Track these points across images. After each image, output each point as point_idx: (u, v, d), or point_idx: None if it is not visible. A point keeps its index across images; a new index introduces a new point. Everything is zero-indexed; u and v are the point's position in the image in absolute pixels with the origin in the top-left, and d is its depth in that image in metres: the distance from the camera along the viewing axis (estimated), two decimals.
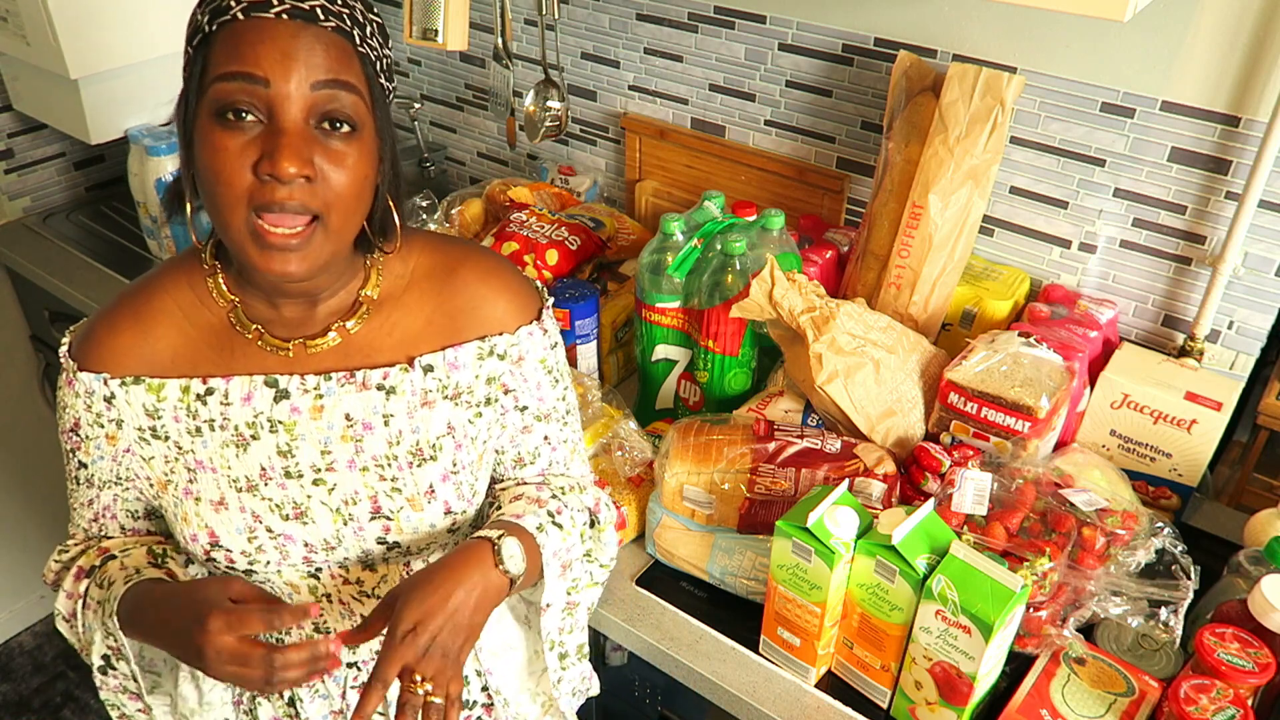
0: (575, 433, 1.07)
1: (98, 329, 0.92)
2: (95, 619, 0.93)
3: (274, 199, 0.78)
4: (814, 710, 1.09)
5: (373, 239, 0.92)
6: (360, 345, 0.94)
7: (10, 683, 2.41)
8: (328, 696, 1.04)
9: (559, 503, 1.00)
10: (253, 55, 0.77)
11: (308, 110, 0.78)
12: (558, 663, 1.03)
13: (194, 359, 0.92)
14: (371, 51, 0.83)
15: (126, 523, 0.99)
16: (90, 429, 0.93)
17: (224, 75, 0.77)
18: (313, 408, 0.93)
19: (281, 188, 0.78)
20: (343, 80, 0.79)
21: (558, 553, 0.96)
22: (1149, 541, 1.09)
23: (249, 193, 0.78)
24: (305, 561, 0.97)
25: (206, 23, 0.80)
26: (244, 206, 0.79)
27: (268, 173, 0.77)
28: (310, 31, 0.78)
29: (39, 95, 1.86)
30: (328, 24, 0.79)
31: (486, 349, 0.96)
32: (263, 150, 0.77)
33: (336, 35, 0.80)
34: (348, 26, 0.81)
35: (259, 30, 0.77)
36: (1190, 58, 1.24)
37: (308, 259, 0.82)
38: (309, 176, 0.78)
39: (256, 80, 0.77)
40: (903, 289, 1.37)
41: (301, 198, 0.79)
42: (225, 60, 0.77)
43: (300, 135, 0.78)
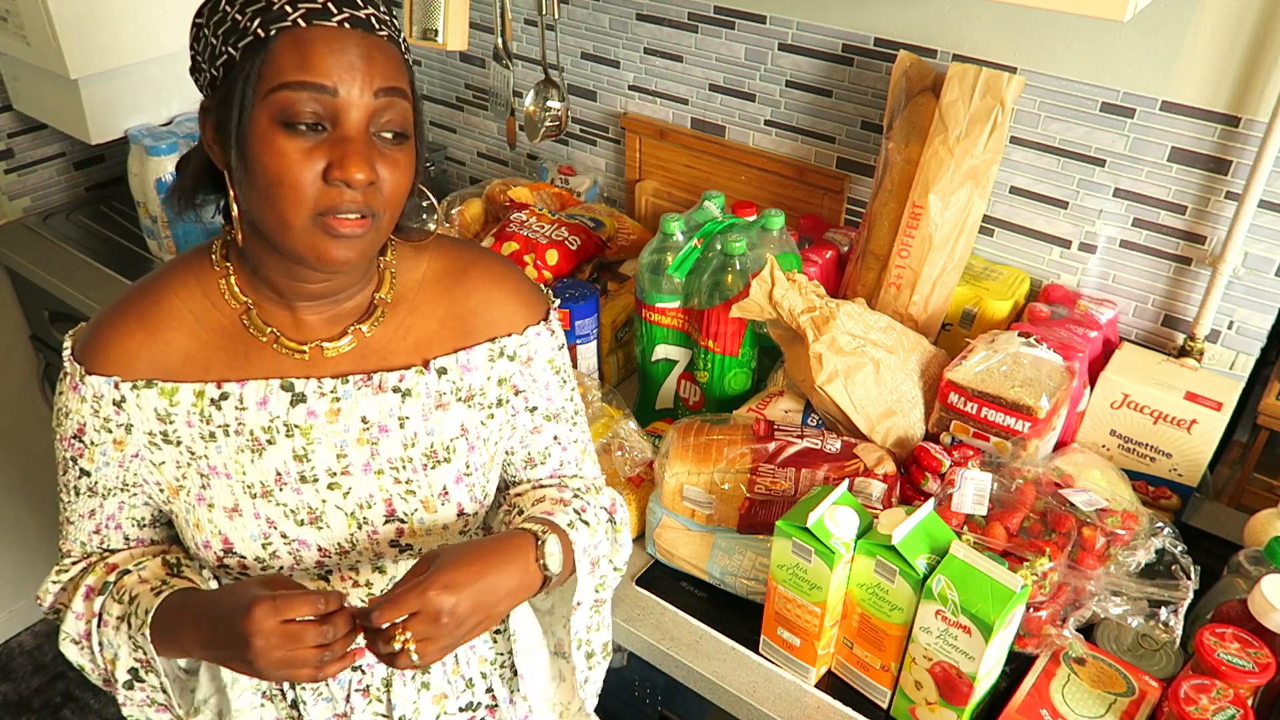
0: (584, 433, 1.08)
1: (105, 331, 0.91)
2: (118, 634, 0.91)
3: (342, 202, 0.80)
4: (814, 710, 1.09)
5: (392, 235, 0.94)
6: (376, 348, 0.94)
7: (10, 683, 2.41)
8: (331, 699, 1.04)
9: (582, 501, 1.00)
10: (323, 66, 0.78)
11: (369, 118, 0.81)
12: (585, 662, 1.03)
13: (206, 362, 0.91)
14: (410, 59, 0.86)
15: (131, 532, 0.97)
16: (96, 434, 0.91)
17: (291, 84, 0.78)
18: (329, 411, 0.93)
19: (349, 192, 0.80)
20: (399, 88, 0.82)
21: (587, 549, 0.96)
22: (1149, 541, 1.09)
23: (315, 197, 0.80)
24: (318, 565, 0.97)
25: (259, 27, 0.79)
26: (310, 209, 0.81)
27: (339, 179, 0.79)
28: (369, 40, 0.81)
29: (39, 95, 1.86)
30: (382, 33, 0.82)
31: (497, 350, 0.97)
32: (330, 157, 0.80)
33: (390, 44, 0.83)
34: (397, 36, 0.84)
35: (325, 40, 0.79)
36: (1190, 58, 1.24)
37: (362, 250, 0.84)
38: (376, 182, 0.81)
39: (325, 90, 0.79)
40: (903, 289, 1.37)
41: (365, 200, 0.81)
42: (292, 68, 0.78)
43: (365, 142, 0.81)
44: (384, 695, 1.04)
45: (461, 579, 0.83)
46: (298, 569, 0.96)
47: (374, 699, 1.04)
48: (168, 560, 0.96)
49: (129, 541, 0.98)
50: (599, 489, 1.06)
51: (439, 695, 1.06)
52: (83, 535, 0.98)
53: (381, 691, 1.04)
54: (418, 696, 1.05)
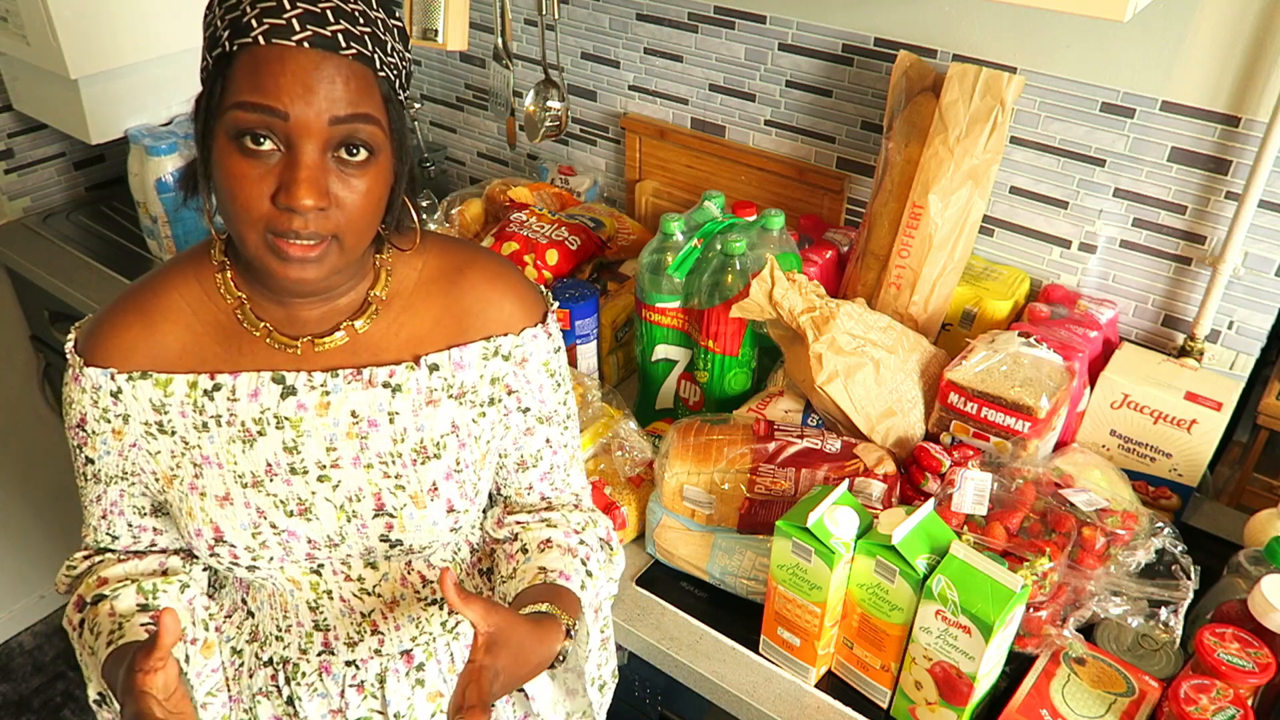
0: (575, 438, 1.08)
1: (105, 324, 0.93)
2: (89, 663, 0.94)
3: (290, 227, 0.80)
4: (814, 710, 1.09)
5: (385, 237, 0.93)
6: (368, 344, 0.94)
7: (10, 683, 2.41)
8: (326, 695, 1.04)
9: (586, 548, 1.01)
10: (274, 87, 0.77)
11: (325, 143, 0.79)
12: (599, 695, 1.08)
13: (201, 355, 0.93)
14: (391, 70, 0.83)
15: (134, 519, 0.99)
16: (96, 424, 0.93)
17: (243, 104, 0.78)
18: (319, 404, 0.93)
19: (297, 218, 0.79)
20: (361, 113, 0.80)
21: (591, 603, 0.98)
22: (1149, 541, 1.09)
23: (265, 219, 0.80)
24: (308, 558, 0.98)
25: (226, 38, 0.79)
26: (261, 228, 0.81)
27: (284, 205, 0.79)
28: (331, 62, 0.78)
29: (39, 95, 1.86)
30: (349, 51, 0.79)
31: (491, 349, 0.97)
32: (280, 181, 0.79)
33: (357, 64, 0.80)
34: (369, 51, 0.80)
35: (281, 60, 0.77)
36: (1190, 58, 1.24)
37: (323, 269, 0.84)
38: (325, 208, 0.80)
39: (276, 114, 0.77)
40: (903, 289, 1.37)
41: (316, 225, 0.80)
42: (246, 88, 0.78)
43: (316, 168, 0.79)
44: (379, 691, 1.05)
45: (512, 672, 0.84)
46: (288, 559, 0.97)
47: (369, 695, 1.05)
48: (143, 588, 0.97)
49: (132, 529, 0.99)
50: (596, 522, 1.07)
51: (434, 694, 1.07)
52: (94, 520, 1.00)
53: (376, 688, 1.05)
54: (412, 694, 1.06)
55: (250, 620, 1.06)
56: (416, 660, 1.05)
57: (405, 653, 1.05)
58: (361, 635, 1.03)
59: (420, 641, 1.05)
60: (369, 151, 0.82)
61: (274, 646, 1.04)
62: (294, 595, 1.01)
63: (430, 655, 1.06)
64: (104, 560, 1.00)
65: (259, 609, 1.04)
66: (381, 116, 0.82)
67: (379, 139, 0.82)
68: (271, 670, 1.05)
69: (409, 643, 1.05)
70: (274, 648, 1.05)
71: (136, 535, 1.00)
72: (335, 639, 1.03)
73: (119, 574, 0.99)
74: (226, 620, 1.07)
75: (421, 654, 1.05)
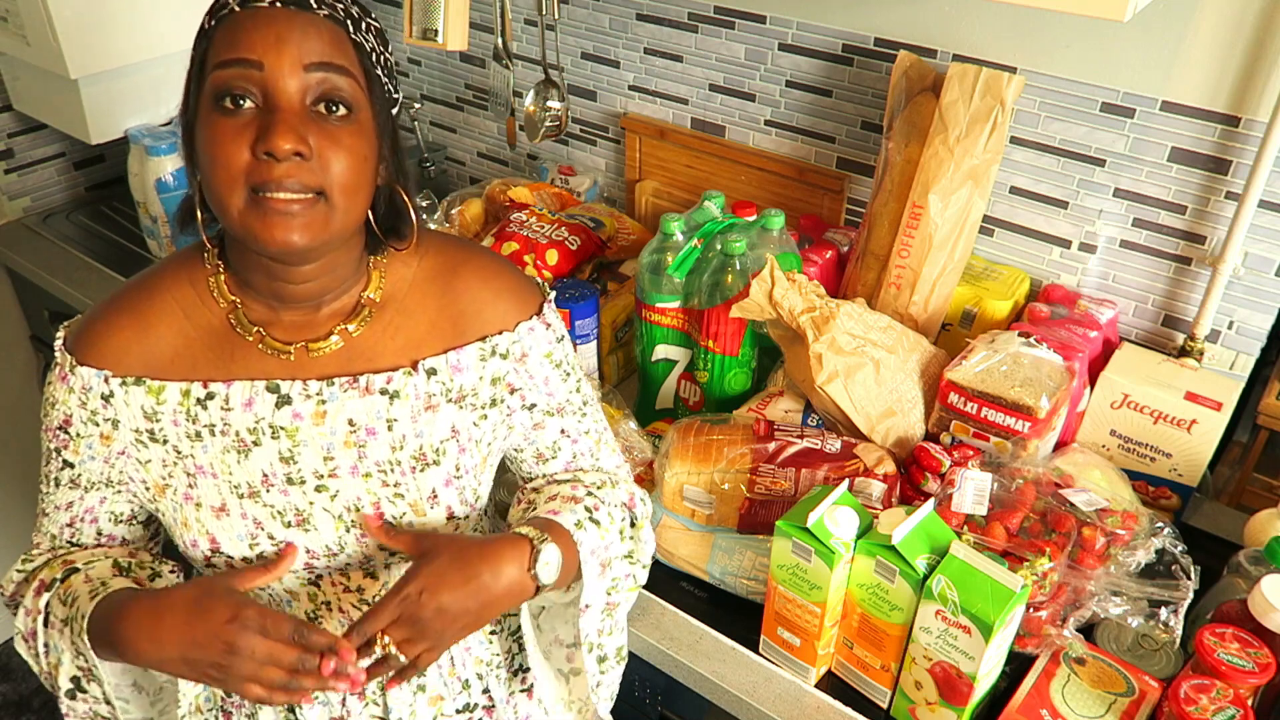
0: (597, 423, 1.05)
1: (97, 324, 0.91)
2: (63, 638, 0.88)
3: (271, 177, 0.78)
4: (814, 710, 1.09)
5: (381, 237, 0.92)
6: (363, 349, 0.93)
7: (10, 683, 2.41)
8: (327, 703, 1.03)
9: (595, 499, 0.98)
10: (247, 41, 0.78)
11: (303, 91, 0.80)
12: (596, 666, 1.00)
13: (193, 361, 0.91)
14: (366, 43, 0.84)
15: (106, 527, 0.96)
16: (83, 427, 0.91)
17: (221, 63, 0.79)
18: (315, 413, 0.92)
19: (278, 165, 0.78)
20: (336, 64, 0.81)
21: (595, 550, 0.94)
22: (1149, 541, 1.09)
23: (246, 171, 0.79)
24: (306, 569, 0.96)
25: (207, 20, 0.82)
26: (242, 186, 0.79)
27: (264, 150, 0.78)
28: (304, 17, 0.80)
29: (39, 95, 1.86)
30: (321, 11, 0.81)
31: (489, 349, 0.96)
32: (259, 129, 0.79)
33: (330, 22, 0.81)
34: (341, 16, 0.82)
35: (254, 18, 0.79)
36: (1190, 58, 1.24)
37: (310, 229, 0.81)
38: (303, 154, 0.79)
39: (251, 64, 0.78)
40: (903, 289, 1.37)
41: (299, 175, 0.79)
42: (223, 49, 0.79)
43: (295, 114, 0.79)
44: (380, 699, 1.04)
45: (448, 580, 0.83)
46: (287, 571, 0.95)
47: (370, 702, 1.04)
48: (119, 563, 0.94)
49: (100, 537, 0.97)
50: (616, 483, 1.04)
51: (435, 697, 1.06)
52: (54, 528, 0.97)
53: (377, 695, 1.04)
54: (414, 699, 1.05)
55: None
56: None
57: None
58: None
59: None
60: (348, 108, 0.82)
61: None
62: (291, 607, 0.99)
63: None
64: (69, 551, 0.96)
65: None
66: (358, 75, 0.83)
67: (358, 95, 0.82)
68: None
69: None
70: None
71: (102, 543, 0.97)
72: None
73: (86, 555, 0.94)
74: None
75: None
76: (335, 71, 0.81)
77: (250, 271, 0.89)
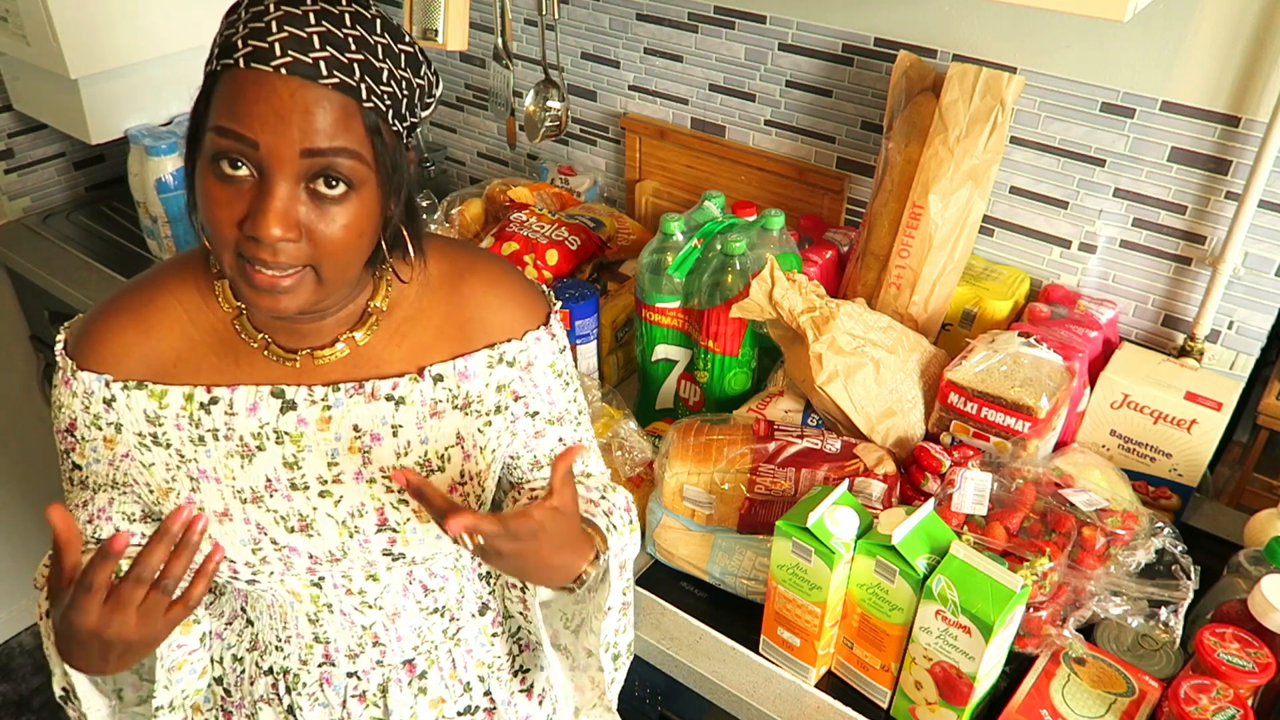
0: (588, 432, 1.06)
1: (98, 326, 0.90)
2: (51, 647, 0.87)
3: (257, 255, 0.77)
4: (814, 710, 1.09)
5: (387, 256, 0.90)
6: (369, 355, 0.92)
7: (10, 683, 2.41)
8: (327, 705, 1.03)
9: (608, 503, 0.99)
10: (246, 115, 0.75)
11: (297, 175, 0.77)
12: (611, 664, 1.01)
13: (197, 364, 0.90)
14: (384, 100, 0.79)
15: (121, 525, 0.95)
16: (87, 430, 0.91)
17: (219, 129, 0.76)
18: (320, 419, 0.91)
19: (264, 248, 0.77)
20: (337, 147, 0.77)
21: (617, 554, 0.95)
22: (1149, 541, 1.09)
23: (235, 243, 0.78)
24: (309, 572, 0.96)
25: (216, 56, 0.78)
26: (232, 250, 0.79)
27: (249, 233, 0.77)
28: (309, 92, 0.75)
29: (39, 95, 1.86)
30: (330, 80, 0.75)
31: (496, 356, 0.95)
32: (249, 209, 0.77)
33: (338, 94, 0.76)
34: (354, 80, 0.77)
35: (256, 87, 0.75)
36: (1190, 58, 1.24)
37: (298, 299, 0.81)
38: (291, 239, 0.77)
39: (246, 141, 0.75)
40: (903, 289, 1.37)
41: (287, 256, 0.78)
42: (223, 113, 0.76)
43: (286, 199, 0.76)
44: (380, 701, 1.04)
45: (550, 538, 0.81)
46: (289, 574, 0.95)
47: (370, 704, 1.04)
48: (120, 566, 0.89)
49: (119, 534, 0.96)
50: (614, 488, 1.04)
51: (436, 700, 1.06)
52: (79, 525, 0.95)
53: (378, 697, 1.04)
54: (415, 701, 1.05)
55: (250, 629, 1.04)
56: (419, 669, 1.05)
57: (407, 662, 1.04)
58: (363, 647, 1.02)
59: (422, 650, 1.04)
60: (348, 185, 0.78)
61: (274, 656, 1.03)
62: (293, 608, 0.99)
63: (432, 663, 1.05)
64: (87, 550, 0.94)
65: (258, 618, 1.03)
66: (364, 150, 0.78)
67: (360, 172, 0.78)
68: (272, 679, 1.04)
69: (411, 652, 1.04)
70: (274, 657, 1.03)
71: None
72: (336, 651, 1.02)
73: None
74: (227, 628, 1.06)
75: (424, 662, 1.05)
76: (337, 155, 0.77)
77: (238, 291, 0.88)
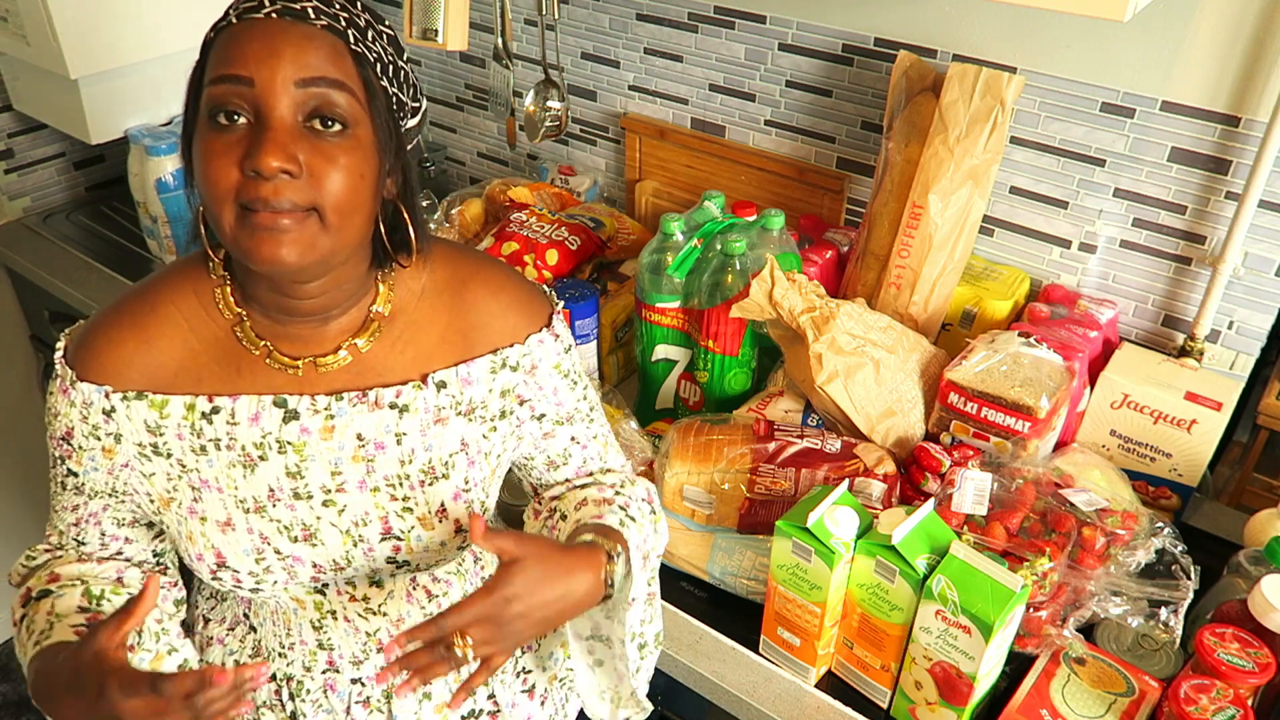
0: (603, 427, 1.05)
1: (98, 336, 0.89)
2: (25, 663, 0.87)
3: (259, 194, 0.76)
4: (814, 710, 1.09)
5: (391, 252, 0.90)
6: (372, 363, 0.91)
7: (10, 683, 2.41)
8: (331, 711, 1.03)
9: (624, 498, 0.98)
10: (240, 56, 0.76)
11: (295, 108, 0.77)
12: (637, 654, 0.99)
13: (198, 374, 0.89)
14: (370, 52, 0.81)
15: (110, 530, 0.95)
16: (85, 440, 0.90)
17: (214, 79, 0.77)
18: (323, 428, 0.90)
19: (266, 184, 0.76)
20: (331, 77, 0.77)
21: (639, 546, 0.93)
22: (1149, 541, 1.09)
23: (235, 189, 0.77)
24: (313, 580, 0.96)
25: (210, 34, 0.80)
26: (232, 202, 0.77)
27: (250, 168, 0.76)
28: (299, 29, 0.77)
29: (39, 95, 1.86)
30: (319, 22, 0.78)
31: (499, 361, 0.95)
32: (248, 146, 0.77)
33: (327, 33, 0.78)
34: (341, 25, 0.79)
35: (249, 31, 0.77)
36: (1190, 58, 1.24)
37: (299, 245, 0.78)
38: (292, 172, 0.77)
39: (242, 80, 0.76)
40: (903, 289, 1.37)
41: (290, 194, 0.77)
42: (218, 64, 0.78)
43: (285, 131, 0.77)
44: (385, 707, 1.03)
45: (539, 589, 0.81)
46: (292, 583, 0.95)
47: (375, 710, 1.04)
48: (90, 592, 0.92)
49: (104, 538, 0.95)
50: (633, 480, 1.04)
51: (441, 705, 1.06)
52: (63, 525, 0.96)
53: (382, 703, 1.03)
54: (419, 706, 1.04)
55: (253, 635, 1.04)
56: None
57: None
58: (367, 654, 1.01)
59: None
60: (344, 125, 0.79)
61: (277, 663, 1.03)
62: (297, 615, 0.99)
63: None
64: (63, 556, 0.95)
65: (261, 625, 1.03)
66: (356, 87, 0.79)
67: (355, 111, 0.79)
68: (275, 685, 1.03)
69: None
70: (277, 664, 1.03)
71: (106, 544, 0.96)
72: (340, 658, 1.01)
73: (73, 573, 0.93)
74: (230, 634, 1.05)
75: None
76: (330, 86, 0.78)
77: (255, 285, 0.87)
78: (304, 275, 0.84)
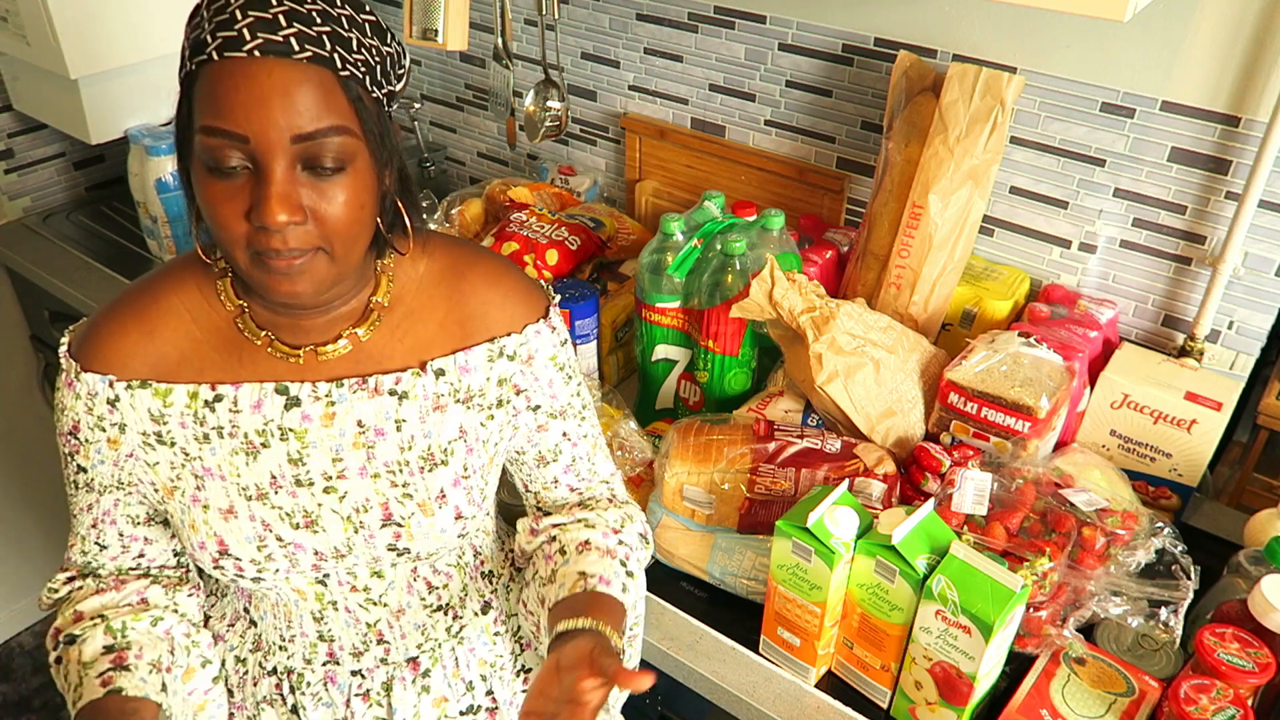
0: (594, 428, 1.06)
1: (101, 328, 0.90)
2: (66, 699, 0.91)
3: (269, 245, 0.78)
4: (814, 710, 1.09)
5: (387, 239, 0.91)
6: (371, 351, 0.93)
7: (10, 683, 2.41)
8: (331, 704, 1.04)
9: (626, 548, 1.00)
10: (229, 110, 0.75)
11: (291, 160, 0.77)
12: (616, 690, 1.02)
13: (201, 364, 0.91)
14: (359, 67, 0.80)
15: (126, 529, 0.97)
16: (91, 432, 0.91)
17: (206, 129, 0.77)
18: (324, 415, 0.92)
19: (274, 235, 0.78)
20: (325, 127, 0.77)
21: (634, 605, 0.97)
22: (1149, 541, 1.09)
23: (246, 238, 0.79)
24: (314, 569, 0.96)
25: (189, 56, 0.78)
26: (244, 248, 0.80)
27: (258, 224, 0.78)
28: (284, 72, 0.75)
29: (39, 95, 1.86)
30: (303, 55, 0.76)
31: (496, 350, 0.96)
32: (251, 200, 0.77)
33: (315, 67, 0.76)
34: (327, 51, 0.77)
35: (234, 76, 0.75)
36: (1190, 58, 1.24)
37: (313, 280, 0.82)
38: (297, 221, 0.78)
39: (235, 137, 0.76)
40: (903, 289, 1.37)
41: (297, 240, 0.79)
42: (207, 111, 0.77)
43: (285, 183, 0.77)
44: (384, 699, 1.04)
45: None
46: (294, 571, 0.96)
47: (374, 703, 1.04)
48: (111, 627, 0.93)
49: (123, 538, 0.97)
50: (631, 517, 1.05)
51: (439, 699, 1.06)
52: (82, 529, 0.97)
53: (382, 695, 1.04)
54: (418, 700, 1.05)
55: (253, 629, 1.05)
56: (422, 667, 1.05)
57: (411, 660, 1.04)
58: (367, 645, 1.02)
59: (426, 648, 1.05)
60: (341, 163, 0.79)
61: (277, 656, 1.04)
62: (298, 606, 1.00)
63: (436, 661, 1.05)
64: (83, 588, 0.97)
65: (262, 619, 1.03)
66: (351, 122, 0.79)
67: (351, 147, 0.79)
68: (275, 679, 1.04)
69: (415, 650, 1.04)
70: (277, 657, 1.04)
71: (126, 545, 0.97)
72: (340, 649, 1.02)
73: (94, 608, 0.95)
74: (230, 629, 1.06)
75: (427, 660, 1.05)
76: (325, 135, 0.77)
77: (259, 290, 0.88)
78: (318, 302, 0.87)
